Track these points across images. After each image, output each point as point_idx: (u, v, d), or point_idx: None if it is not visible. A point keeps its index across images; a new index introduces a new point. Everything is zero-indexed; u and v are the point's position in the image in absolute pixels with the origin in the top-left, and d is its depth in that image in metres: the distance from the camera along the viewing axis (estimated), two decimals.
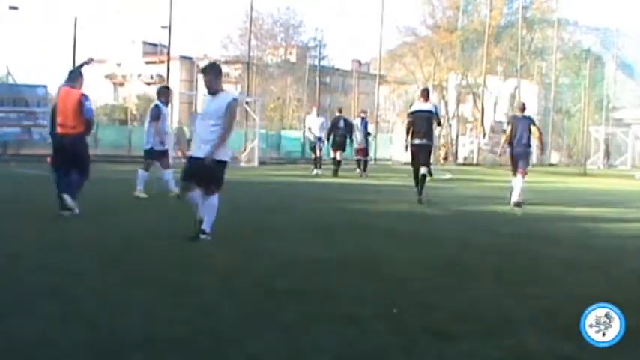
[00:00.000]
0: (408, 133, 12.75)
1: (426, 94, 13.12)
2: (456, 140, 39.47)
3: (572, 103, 43.35)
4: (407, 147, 12.89)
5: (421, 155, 12.71)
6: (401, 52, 46.18)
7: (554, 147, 42.54)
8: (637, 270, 6.82)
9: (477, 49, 40.79)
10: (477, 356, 3.87)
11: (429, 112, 12.65)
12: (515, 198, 12.73)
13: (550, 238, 8.85)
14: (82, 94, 9.54)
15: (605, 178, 26.95)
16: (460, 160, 35.57)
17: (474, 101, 42.83)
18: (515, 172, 13.11)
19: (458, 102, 43.99)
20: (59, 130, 9.70)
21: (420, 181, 12.71)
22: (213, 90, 7.26)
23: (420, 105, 12.86)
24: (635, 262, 7.26)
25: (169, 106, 13.38)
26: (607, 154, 44.10)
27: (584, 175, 29.41)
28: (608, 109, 44.98)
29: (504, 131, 14.23)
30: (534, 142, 13.67)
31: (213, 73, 7.39)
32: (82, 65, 10.36)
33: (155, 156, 12.15)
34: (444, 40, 42.83)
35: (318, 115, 20.94)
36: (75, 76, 9.91)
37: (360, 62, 61.13)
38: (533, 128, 13.05)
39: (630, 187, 21.52)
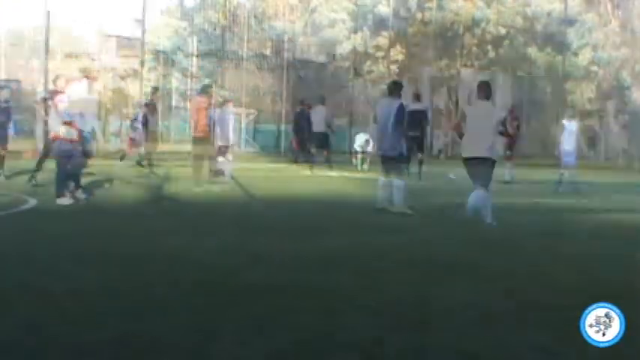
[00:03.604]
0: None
1: (417, 96, 16.48)
2: (431, 133, 39.46)
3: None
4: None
5: (415, 145, 15.23)
6: (375, 45, 46.15)
7: (528, 138, 42.65)
8: (627, 264, 6.78)
9: (452, 41, 40.90)
10: (455, 350, 3.87)
11: (420, 111, 15.64)
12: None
13: (527, 231, 8.86)
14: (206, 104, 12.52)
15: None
16: (435, 152, 35.59)
17: (449, 94, 42.95)
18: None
19: (432, 95, 44.02)
20: (194, 133, 12.54)
21: (418, 164, 16.09)
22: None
23: (413, 105, 15.31)
24: (622, 254, 7.23)
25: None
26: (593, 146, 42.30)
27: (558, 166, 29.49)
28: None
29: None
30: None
31: None
32: (210, 85, 15.34)
33: (404, 161, 11.01)
34: (418, 32, 42.86)
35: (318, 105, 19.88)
36: (205, 90, 13.34)
37: (334, 55, 60.84)
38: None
39: (602, 178, 21.64)
